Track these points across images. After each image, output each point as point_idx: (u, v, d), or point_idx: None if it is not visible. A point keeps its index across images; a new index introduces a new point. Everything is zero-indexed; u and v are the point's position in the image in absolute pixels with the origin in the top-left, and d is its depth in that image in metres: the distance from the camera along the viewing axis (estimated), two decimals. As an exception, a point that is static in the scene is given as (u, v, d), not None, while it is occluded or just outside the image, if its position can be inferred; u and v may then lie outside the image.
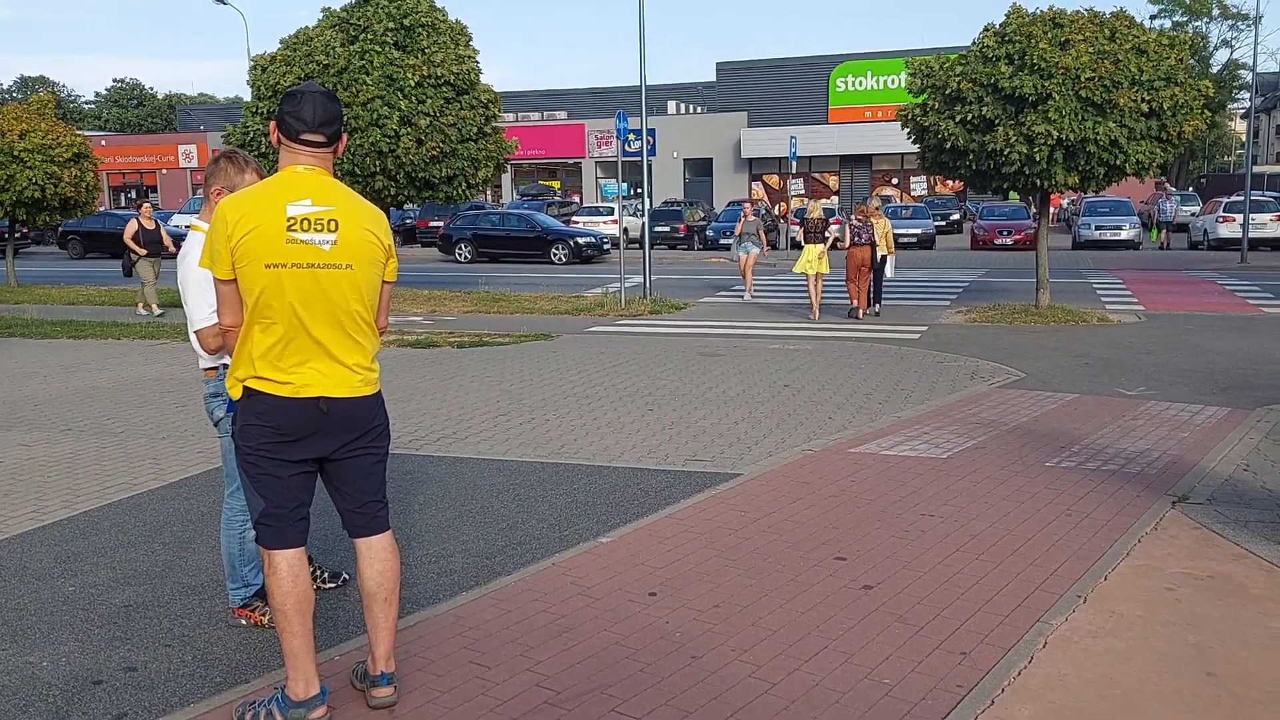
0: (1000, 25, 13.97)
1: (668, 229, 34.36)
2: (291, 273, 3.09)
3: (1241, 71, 67.22)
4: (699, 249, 33.69)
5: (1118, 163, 13.58)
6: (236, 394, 3.20)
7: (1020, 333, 13.17)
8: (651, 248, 18.30)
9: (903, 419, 7.83)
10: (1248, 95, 64.35)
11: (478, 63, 17.23)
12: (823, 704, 3.39)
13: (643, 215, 18.40)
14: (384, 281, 3.33)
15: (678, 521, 5.34)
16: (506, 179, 52.17)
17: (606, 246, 29.56)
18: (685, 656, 3.75)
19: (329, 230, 3.13)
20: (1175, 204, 32.06)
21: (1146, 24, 15.10)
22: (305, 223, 3.11)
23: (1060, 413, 8.01)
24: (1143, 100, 13.26)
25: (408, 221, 36.41)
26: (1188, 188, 48.66)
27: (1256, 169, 67.59)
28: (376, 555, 3.38)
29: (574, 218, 35.12)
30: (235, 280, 3.11)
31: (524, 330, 13.54)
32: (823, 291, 15.42)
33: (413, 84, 16.22)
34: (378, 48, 16.25)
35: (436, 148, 16.40)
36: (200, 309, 3.87)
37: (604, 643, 3.87)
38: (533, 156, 52.06)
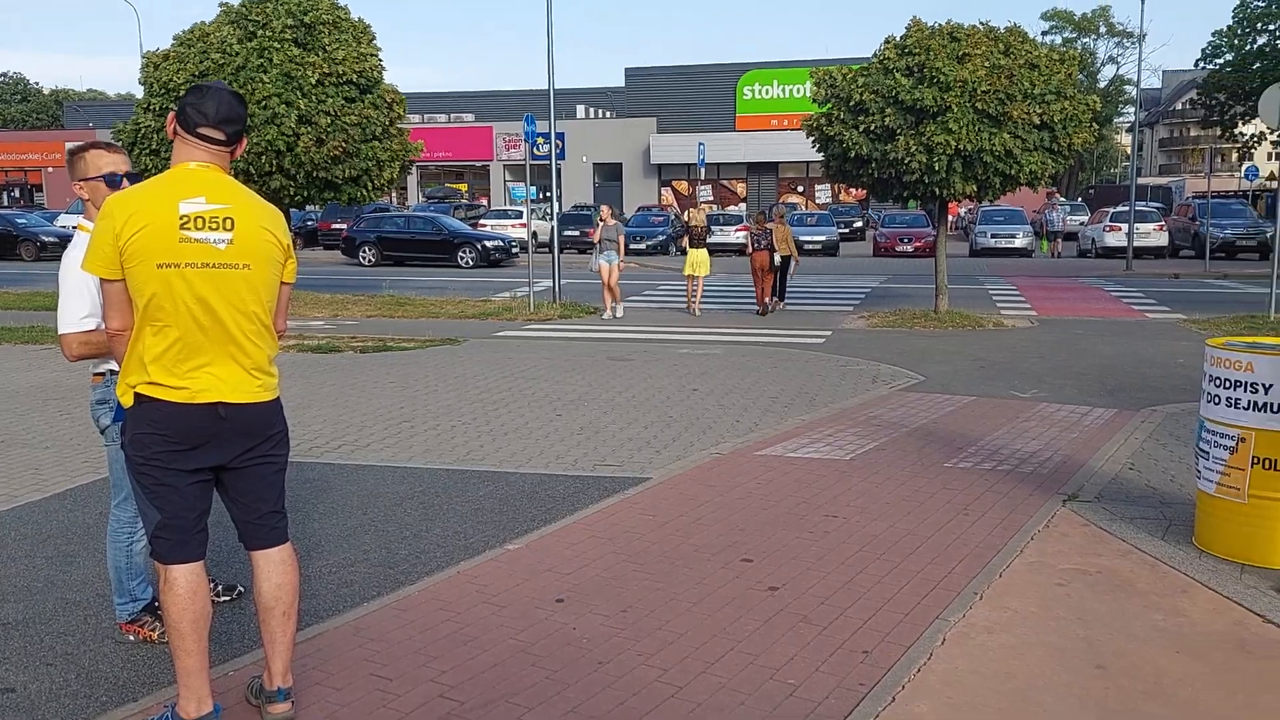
0: (901, 38, 14.34)
1: (577, 233, 34.28)
2: (185, 273, 2.98)
3: (1127, 87, 70.41)
4: (608, 253, 33.70)
5: (1012, 172, 14.06)
6: (128, 401, 3.06)
7: (920, 337, 13.52)
8: (560, 251, 18.25)
9: (808, 421, 7.95)
10: (1132, 109, 67.53)
11: (381, 61, 16.94)
12: (729, 706, 3.40)
13: (551, 219, 18.32)
14: (282, 283, 3.24)
15: (586, 527, 5.31)
16: (412, 181, 51.44)
17: (514, 250, 29.38)
18: (592, 662, 3.72)
19: (224, 229, 3.03)
20: (1062, 213, 33.23)
21: (1038, 40, 15.68)
22: (199, 221, 2.99)
23: (957, 415, 8.24)
24: (1035, 113, 13.76)
25: (309, 224, 35.59)
26: (1076, 198, 50.71)
27: (1140, 180, 70.74)
28: (274, 568, 3.27)
29: (481, 221, 34.83)
30: (123, 280, 2.98)
31: (429, 334, 13.35)
32: (704, 291, 17.20)
33: (313, 82, 15.85)
34: (277, 44, 15.84)
35: (339, 147, 16.06)
36: (70, 313, 3.64)
37: (509, 651, 3.82)
38: (439, 159, 51.47)
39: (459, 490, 6.04)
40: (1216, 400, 4.77)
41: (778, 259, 16.35)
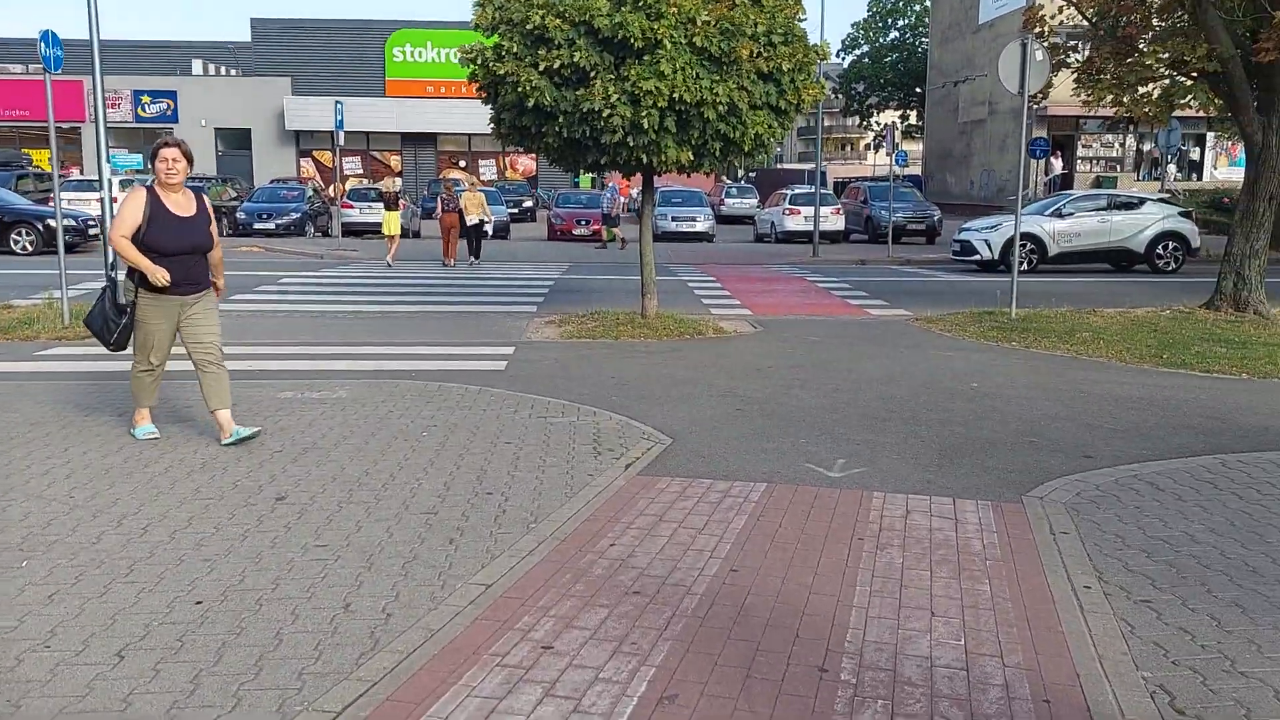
0: (594, -52, 10.59)
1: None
2: None
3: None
4: (228, 234, 27.68)
5: (735, 136, 10.81)
6: None
7: (634, 354, 9.94)
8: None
9: (496, 591, 3.93)
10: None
11: None
12: None
13: (103, 190, 12.80)
14: None
15: None
16: (-26, 144, 41.32)
17: (94, 231, 22.75)
18: None
19: None
20: (611, 196, 27.15)
21: None
22: None
23: (761, 539, 4.60)
24: (761, 57, 10.59)
25: None
26: (740, 180, 50.57)
27: (790, 165, 73.36)
28: None
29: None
30: None
31: None
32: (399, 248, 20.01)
33: None
34: None
35: None
36: None
37: None
38: (14, 118, 41.76)
39: None
40: None
41: (470, 221, 19.61)
